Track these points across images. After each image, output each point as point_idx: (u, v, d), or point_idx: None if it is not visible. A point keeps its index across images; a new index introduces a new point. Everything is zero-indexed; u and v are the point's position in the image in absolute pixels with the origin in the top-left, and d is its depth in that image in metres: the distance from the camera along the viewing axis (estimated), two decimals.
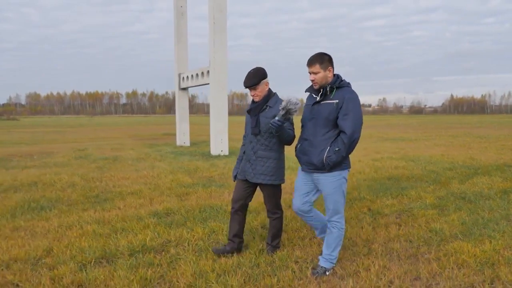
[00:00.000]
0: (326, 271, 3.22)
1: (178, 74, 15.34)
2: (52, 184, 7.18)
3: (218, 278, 3.16)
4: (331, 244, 3.26)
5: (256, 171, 3.48)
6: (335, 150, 3.07)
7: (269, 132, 3.42)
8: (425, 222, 4.63)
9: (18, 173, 8.51)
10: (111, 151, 13.21)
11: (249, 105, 3.62)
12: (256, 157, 3.49)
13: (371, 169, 8.41)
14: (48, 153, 12.63)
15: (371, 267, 3.36)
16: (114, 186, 7.01)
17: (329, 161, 3.07)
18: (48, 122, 56.99)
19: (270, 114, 3.42)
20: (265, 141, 3.47)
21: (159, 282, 3.17)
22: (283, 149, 3.57)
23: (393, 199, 5.74)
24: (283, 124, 3.19)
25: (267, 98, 3.49)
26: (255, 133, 3.48)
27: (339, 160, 3.08)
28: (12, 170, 9.12)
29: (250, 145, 3.55)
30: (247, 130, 3.64)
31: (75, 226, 4.59)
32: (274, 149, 3.48)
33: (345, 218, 4.80)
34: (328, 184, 3.16)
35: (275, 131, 3.22)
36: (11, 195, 6.34)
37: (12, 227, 4.64)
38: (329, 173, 3.14)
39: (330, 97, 3.12)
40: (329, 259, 3.24)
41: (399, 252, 3.74)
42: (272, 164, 3.47)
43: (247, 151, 3.57)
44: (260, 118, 3.46)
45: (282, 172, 3.56)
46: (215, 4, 11.52)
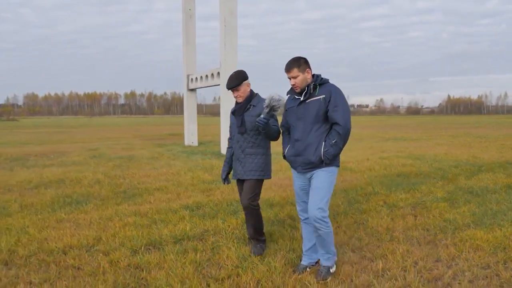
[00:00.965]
0: (329, 268, 3.22)
1: (187, 75, 15.69)
2: (79, 181, 7.52)
3: (262, 261, 3.53)
4: (324, 244, 3.20)
5: (246, 168, 3.60)
6: (332, 143, 3.07)
7: (254, 130, 3.56)
8: (438, 213, 5.01)
9: (42, 171, 8.84)
10: (122, 151, 13.54)
11: (233, 107, 3.78)
12: (245, 155, 3.61)
13: (380, 166, 8.81)
14: (61, 153, 12.95)
15: (396, 251, 3.74)
16: (138, 183, 7.36)
17: (328, 154, 3.08)
18: (48, 122, 57.14)
19: (254, 113, 3.55)
20: (252, 139, 3.61)
21: (208, 264, 3.53)
22: (269, 145, 3.72)
23: (405, 193, 6.13)
24: (268, 121, 3.29)
25: (250, 98, 3.66)
26: (242, 132, 3.62)
27: (337, 152, 3.10)
28: (33, 168, 9.45)
29: (237, 144, 3.68)
30: (232, 131, 3.76)
31: (115, 218, 4.95)
32: (261, 146, 3.63)
33: (364, 210, 5.22)
34: (321, 178, 3.14)
35: (261, 128, 3.31)
36: (43, 191, 6.69)
37: (56, 219, 4.99)
38: (325, 167, 3.14)
39: (315, 94, 3.17)
40: (328, 257, 3.23)
41: (419, 239, 4.12)
42: (261, 160, 3.61)
43: (236, 151, 3.71)
44: (245, 117, 3.60)
45: (269, 168, 3.71)
46: (226, 7, 11.89)
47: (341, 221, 4.77)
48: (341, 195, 6.08)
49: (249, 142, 3.61)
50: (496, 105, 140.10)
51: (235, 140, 3.70)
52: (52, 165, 10.04)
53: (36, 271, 3.45)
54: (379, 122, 47.19)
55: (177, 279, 3.17)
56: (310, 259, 3.38)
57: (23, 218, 5.01)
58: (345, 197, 5.93)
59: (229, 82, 3.63)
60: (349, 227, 4.54)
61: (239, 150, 3.65)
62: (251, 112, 3.58)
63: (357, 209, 5.28)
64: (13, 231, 4.47)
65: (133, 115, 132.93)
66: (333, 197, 5.92)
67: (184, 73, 15.83)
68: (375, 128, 30.52)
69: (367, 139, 18.16)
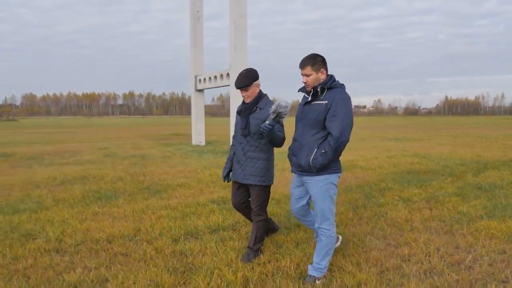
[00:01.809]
0: (315, 279, 3.09)
1: (195, 76, 15.97)
2: (101, 178, 7.80)
3: (296, 247, 3.83)
4: (320, 253, 3.13)
5: (246, 172, 3.49)
6: (322, 152, 2.97)
7: (258, 134, 3.42)
8: (451, 206, 5.33)
9: (62, 169, 9.10)
10: (132, 150, 13.80)
11: (239, 106, 3.63)
12: (246, 158, 3.50)
13: (389, 164, 9.13)
14: (73, 152, 13.20)
15: (418, 239, 4.05)
16: (159, 179, 7.65)
17: (316, 163, 2.98)
18: (48, 123, 57.18)
19: (260, 116, 3.42)
20: (255, 142, 3.47)
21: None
22: (272, 150, 3.58)
23: (418, 188, 6.45)
24: (273, 127, 3.18)
25: (258, 99, 3.49)
26: (245, 134, 3.48)
27: (325, 163, 2.97)
28: (52, 166, 9.71)
29: (239, 146, 3.56)
30: (236, 131, 3.65)
31: (147, 212, 5.24)
32: (263, 150, 3.48)
33: (382, 204, 5.52)
34: (315, 188, 3.08)
35: (266, 135, 3.20)
36: (70, 187, 6.97)
37: (91, 212, 5.27)
38: (316, 176, 3.05)
39: (320, 97, 3.05)
40: (318, 268, 3.12)
41: (436, 229, 4.43)
42: (262, 165, 3.47)
43: (237, 153, 3.59)
44: (250, 119, 3.46)
45: (271, 173, 3.56)
46: (235, 10, 12.20)
47: (362, 213, 5.08)
48: (358, 190, 6.39)
49: (252, 146, 3.49)
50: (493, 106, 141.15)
51: (238, 141, 3.60)
52: (69, 163, 10.30)
53: (88, 257, 3.74)
54: (378, 123, 47.59)
55: (222, 263, 3.47)
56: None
57: (60, 211, 5.29)
58: (362, 192, 6.24)
59: (239, 81, 3.46)
60: (370, 218, 4.85)
61: (241, 152, 3.54)
62: (257, 115, 3.45)
63: (375, 203, 5.60)
64: (55, 223, 4.76)
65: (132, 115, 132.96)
66: (350, 192, 6.25)
67: (192, 74, 16.12)
68: (374, 129, 30.89)
69: (369, 139, 18.49)
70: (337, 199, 5.82)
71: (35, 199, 6.00)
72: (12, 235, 4.32)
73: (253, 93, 3.47)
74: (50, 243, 4.10)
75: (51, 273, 3.37)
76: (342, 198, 5.83)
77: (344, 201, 5.69)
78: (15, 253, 3.80)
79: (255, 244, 3.57)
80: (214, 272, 3.26)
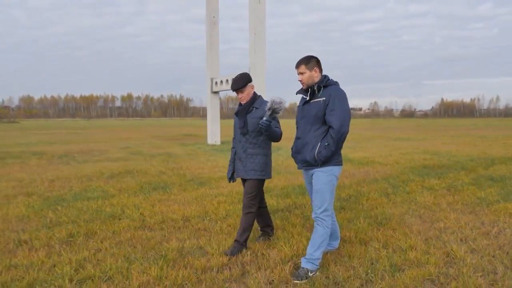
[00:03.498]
0: (308, 271, 3.17)
1: (211, 79, 16.70)
2: (145, 172, 8.50)
3: (351, 222, 4.57)
4: (314, 243, 3.25)
5: (247, 167, 3.74)
6: (325, 145, 3.18)
7: (256, 131, 3.69)
8: (470, 193, 6.10)
9: (102, 165, 9.78)
10: (154, 149, 14.49)
11: (237, 108, 3.91)
12: (246, 155, 3.75)
13: (405, 160, 9.92)
14: (98, 151, 13.85)
15: (448, 217, 4.80)
16: (198, 173, 8.36)
17: (320, 156, 3.19)
18: (50, 124, 57.58)
19: (256, 115, 3.68)
20: (253, 140, 3.73)
21: (309, 225, 4.56)
22: (270, 146, 3.85)
23: (437, 179, 7.22)
24: (270, 123, 3.44)
25: (253, 100, 3.77)
26: (244, 133, 3.74)
27: (329, 155, 3.18)
28: (88, 163, 10.38)
29: (239, 144, 3.82)
30: (235, 132, 3.91)
31: (206, 198, 5.95)
32: (262, 146, 3.76)
33: (409, 191, 6.28)
34: (318, 179, 3.26)
35: (264, 130, 3.46)
36: (122, 179, 7.66)
37: (156, 199, 5.98)
38: (321, 167, 3.25)
39: (317, 95, 3.27)
40: (311, 259, 3.21)
41: (461, 210, 5.19)
42: (261, 160, 3.74)
43: (238, 151, 3.86)
44: (247, 119, 3.72)
45: (269, 168, 3.82)
46: (255, 16, 12.96)
47: (394, 198, 5.84)
48: (383, 181, 7.15)
49: (251, 143, 3.74)
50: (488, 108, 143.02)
51: (237, 140, 3.85)
52: (102, 160, 10.97)
53: (175, 232, 4.44)
54: (378, 125, 48.52)
55: (290, 233, 4.20)
56: (329, 246, 3.59)
57: (128, 198, 5.99)
58: (388, 183, 7.00)
59: (234, 84, 3.75)
60: (403, 202, 5.61)
61: (241, 150, 3.79)
62: (254, 114, 3.71)
63: (403, 191, 6.35)
64: (130, 207, 5.46)
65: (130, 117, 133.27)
66: (377, 183, 7.01)
67: (208, 77, 16.84)
68: (376, 130, 31.74)
69: (375, 140, 19.29)
70: (368, 187, 6.61)
71: (98, 189, 6.69)
72: (99, 216, 5.02)
73: (248, 94, 3.75)
74: (135, 222, 4.80)
75: (152, 242, 4.07)
76: (372, 187, 6.59)
77: (374, 189, 6.44)
78: (112, 229, 4.50)
79: (242, 235, 3.75)
80: (290, 240, 3.99)
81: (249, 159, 3.73)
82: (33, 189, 6.83)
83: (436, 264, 3.38)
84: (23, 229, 4.55)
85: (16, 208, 5.47)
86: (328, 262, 3.43)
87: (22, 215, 5.11)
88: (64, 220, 4.86)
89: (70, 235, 4.29)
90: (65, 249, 3.87)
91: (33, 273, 3.29)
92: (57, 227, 4.59)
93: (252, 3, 13.03)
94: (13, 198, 6.14)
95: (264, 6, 13.08)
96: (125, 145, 16.13)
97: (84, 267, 3.41)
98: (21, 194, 6.41)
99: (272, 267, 3.35)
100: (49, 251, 3.84)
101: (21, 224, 4.75)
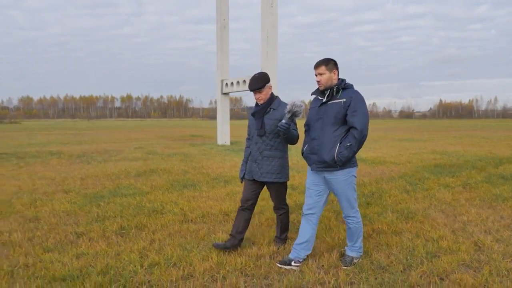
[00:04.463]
0: (353, 259, 3.46)
1: (221, 80, 17.06)
2: (169, 171, 8.84)
3: (378, 217, 4.93)
4: (352, 238, 3.50)
5: (263, 170, 3.68)
6: (347, 146, 3.19)
7: (273, 133, 3.64)
8: (485, 190, 6.47)
9: (123, 165, 10.11)
10: (168, 149, 14.81)
11: (253, 108, 3.83)
12: (262, 157, 3.68)
13: (416, 160, 10.29)
14: (116, 151, 14.14)
15: (469, 211, 5.17)
16: (220, 172, 8.71)
17: (341, 156, 3.20)
18: (52, 125, 57.72)
19: (274, 116, 3.64)
20: (270, 141, 3.67)
21: (339, 216, 4.91)
22: (287, 148, 3.79)
23: (451, 178, 7.59)
24: (289, 126, 3.41)
25: (271, 101, 3.71)
26: (261, 135, 3.68)
27: (351, 156, 3.21)
28: (109, 163, 10.70)
29: (255, 146, 3.74)
30: (251, 132, 3.83)
31: (237, 195, 6.29)
32: (279, 149, 3.69)
33: (427, 188, 6.64)
34: (340, 182, 3.32)
35: (282, 133, 3.42)
36: (151, 178, 8.00)
37: (190, 196, 6.31)
38: (340, 170, 3.29)
39: (337, 97, 3.30)
40: (354, 249, 3.51)
41: (480, 205, 5.56)
42: (278, 163, 3.68)
43: (253, 152, 3.76)
44: (264, 120, 3.67)
45: (287, 170, 3.79)
46: (268, 20, 13.32)
47: (414, 195, 6.20)
48: (400, 179, 7.52)
49: (267, 145, 3.68)
50: (486, 109, 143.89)
51: (254, 142, 3.78)
52: (121, 160, 11.29)
53: (218, 225, 4.78)
54: (378, 126, 48.96)
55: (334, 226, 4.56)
56: (297, 254, 3.47)
57: (163, 195, 6.33)
58: (405, 181, 7.37)
59: (253, 83, 3.67)
60: (423, 198, 5.97)
61: (257, 152, 3.72)
62: (271, 115, 3.66)
63: (421, 188, 6.72)
64: (168, 202, 5.80)
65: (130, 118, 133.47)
66: (395, 181, 7.37)
67: (218, 78, 17.20)
68: (379, 131, 32.13)
69: (381, 140, 19.66)
70: (388, 185, 6.97)
71: (131, 187, 7.02)
72: (142, 211, 5.35)
73: (266, 95, 3.69)
74: (178, 216, 5.13)
75: (200, 234, 4.41)
76: (391, 185, 6.95)
77: (394, 187, 6.80)
78: (159, 222, 4.83)
79: (282, 233, 4.00)
80: (329, 231, 4.34)
81: (265, 161, 3.68)
82: (68, 186, 7.15)
83: (467, 251, 3.74)
84: (75, 222, 4.89)
85: (60, 204, 5.80)
86: (370, 250, 3.78)
87: (69, 210, 5.44)
88: (111, 214, 5.20)
89: (122, 228, 4.62)
90: (122, 240, 4.21)
91: (103, 260, 3.63)
92: (106, 220, 4.92)
93: (265, 8, 13.40)
94: (52, 195, 6.47)
95: (276, 10, 13.45)
96: (138, 146, 16.45)
97: (147, 255, 3.74)
98: (58, 191, 6.74)
99: (319, 254, 3.70)
100: (108, 241, 4.18)
101: (71, 218, 5.08)
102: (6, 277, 3.32)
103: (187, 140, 21.39)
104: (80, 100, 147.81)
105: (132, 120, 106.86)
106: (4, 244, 4.13)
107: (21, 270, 3.46)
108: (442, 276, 3.23)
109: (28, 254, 3.82)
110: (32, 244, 4.10)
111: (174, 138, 22.82)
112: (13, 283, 3.20)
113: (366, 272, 3.30)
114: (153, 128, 44.30)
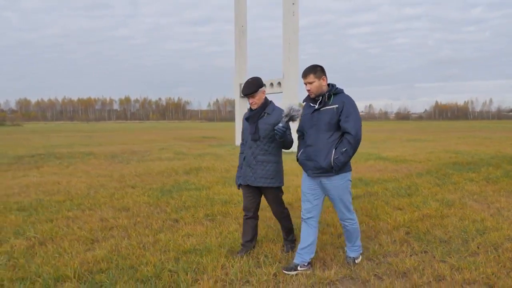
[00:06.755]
0: (355, 259, 3.62)
1: (239, 84, 17.86)
2: (213, 169, 9.62)
3: (423, 205, 5.76)
4: (351, 239, 3.60)
5: (257, 175, 3.68)
6: (342, 151, 3.24)
7: (268, 137, 3.64)
8: (508, 183, 7.32)
9: (164, 164, 10.85)
10: (193, 150, 15.56)
11: (247, 113, 3.83)
12: (256, 161, 3.68)
13: (434, 158, 11.16)
14: (142, 152, 14.87)
15: (500, 200, 6.00)
16: None
17: (337, 162, 3.25)
18: (54, 127, 58.03)
19: (268, 121, 3.64)
20: (265, 146, 3.67)
21: None
22: (281, 153, 3.78)
23: (473, 173, 8.45)
24: (286, 130, 3.44)
25: (265, 105, 3.71)
26: (255, 139, 3.67)
27: (346, 160, 3.26)
28: (147, 162, 11.43)
29: (249, 150, 3.74)
30: (245, 137, 3.82)
31: (289, 189, 7.08)
32: (273, 153, 3.69)
33: (454, 182, 7.49)
34: (336, 187, 3.37)
35: (279, 137, 3.45)
36: (200, 175, 8.76)
37: None
38: (336, 175, 3.33)
39: (329, 103, 3.33)
40: (354, 249, 3.64)
41: (507, 195, 6.39)
42: (272, 168, 3.68)
43: (247, 157, 3.76)
44: (259, 124, 3.66)
45: (281, 175, 3.78)
46: (290, 27, 14.17)
47: (446, 187, 7.04)
48: (427, 175, 8.37)
49: (262, 149, 3.68)
50: (482, 111, 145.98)
51: (248, 146, 3.77)
52: (155, 159, 12.02)
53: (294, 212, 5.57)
54: (378, 127, 49.98)
55: None
56: (302, 259, 3.47)
57: (224, 189, 7.09)
58: (432, 176, 8.21)
59: (246, 88, 3.67)
60: (455, 190, 6.80)
61: (251, 157, 3.72)
62: (266, 119, 3.66)
63: (449, 182, 7.57)
64: (234, 196, 6.56)
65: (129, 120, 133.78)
66: (423, 176, 8.21)
67: (237, 82, 18.00)
68: (382, 132, 33.05)
69: (389, 141, 20.54)
70: (419, 180, 7.79)
71: (189, 182, 7.78)
72: (215, 202, 6.10)
73: (259, 99, 3.68)
74: None
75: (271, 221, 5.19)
76: (421, 179, 7.79)
77: (424, 181, 7.64)
78: (237, 211, 5.60)
79: (288, 235, 4.01)
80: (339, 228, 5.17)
81: (259, 166, 3.68)
82: (130, 182, 7.89)
83: (509, 229, 4.57)
84: (163, 211, 5.64)
85: (138, 197, 6.55)
86: (429, 229, 4.59)
87: (149, 202, 6.19)
88: (189, 204, 5.96)
89: (207, 215, 5.38)
90: (214, 224, 4.97)
91: (210, 240, 4.33)
92: (190, 209, 5.68)
93: (287, 16, 14.24)
94: (121, 190, 7.21)
95: (297, 18, 14.29)
96: (161, 147, 17.17)
97: None
98: (126, 187, 7.48)
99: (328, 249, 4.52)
100: (205, 224, 4.92)
101: (156, 208, 5.83)
102: (138, 250, 4.05)
103: (202, 141, 22.13)
104: (78, 102, 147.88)
105: (131, 123, 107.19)
106: (115, 227, 4.87)
107: (151, 245, 4.20)
108: (495, 246, 4.05)
109: (142, 235, 4.56)
110: (139, 228, 4.83)
111: (188, 140, 23.54)
112: (153, 252, 3.90)
113: (432, 244, 4.10)
114: (159, 130, 44.92)
